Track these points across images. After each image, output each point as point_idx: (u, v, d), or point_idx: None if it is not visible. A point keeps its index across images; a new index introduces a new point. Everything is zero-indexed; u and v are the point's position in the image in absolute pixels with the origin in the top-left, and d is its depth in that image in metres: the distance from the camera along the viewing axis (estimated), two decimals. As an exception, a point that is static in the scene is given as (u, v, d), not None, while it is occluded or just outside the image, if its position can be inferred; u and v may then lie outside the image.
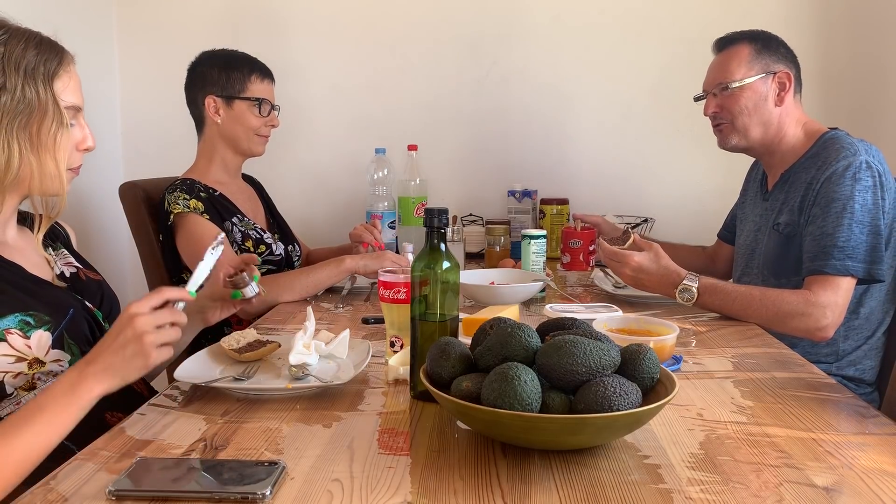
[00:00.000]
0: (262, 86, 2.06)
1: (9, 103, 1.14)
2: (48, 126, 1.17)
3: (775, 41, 1.83)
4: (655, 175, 2.66)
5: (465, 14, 2.63)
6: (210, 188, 2.00)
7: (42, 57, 1.18)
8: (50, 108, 1.17)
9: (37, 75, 1.17)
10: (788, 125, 1.81)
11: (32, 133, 1.16)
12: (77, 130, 1.24)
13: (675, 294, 1.67)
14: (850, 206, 1.62)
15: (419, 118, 2.67)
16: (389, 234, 2.37)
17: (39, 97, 1.16)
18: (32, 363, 1.17)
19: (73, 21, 2.44)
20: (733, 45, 1.83)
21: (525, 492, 0.85)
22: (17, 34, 1.18)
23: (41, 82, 1.17)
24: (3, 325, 1.15)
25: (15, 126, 1.15)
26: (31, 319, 1.18)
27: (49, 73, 1.18)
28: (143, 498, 0.84)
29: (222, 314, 1.42)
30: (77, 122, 1.24)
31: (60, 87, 1.20)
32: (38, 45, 1.19)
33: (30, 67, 1.16)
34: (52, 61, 1.19)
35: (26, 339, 1.16)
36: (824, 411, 1.12)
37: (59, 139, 1.19)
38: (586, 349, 0.95)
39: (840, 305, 1.60)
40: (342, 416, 1.10)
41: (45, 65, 1.18)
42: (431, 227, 1.14)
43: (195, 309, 1.40)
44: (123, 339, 1.04)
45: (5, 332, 1.15)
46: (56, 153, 1.19)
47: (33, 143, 1.17)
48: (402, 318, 1.27)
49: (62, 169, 1.20)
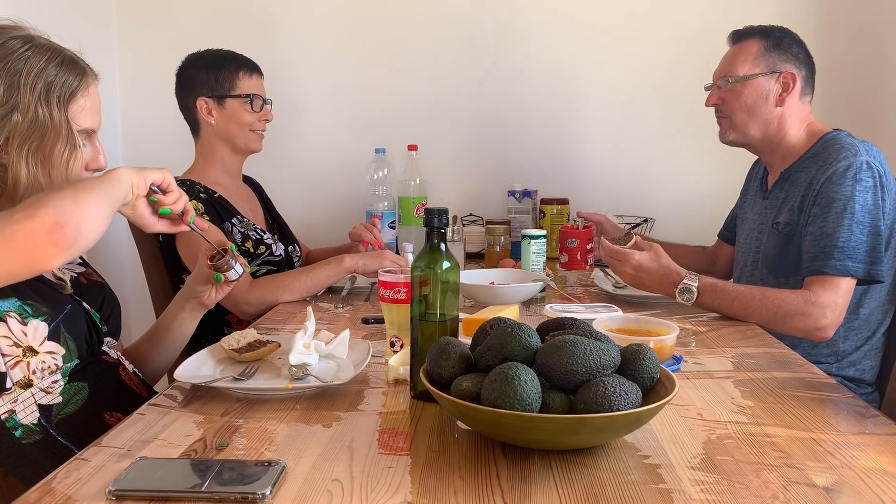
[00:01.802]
0: (251, 81, 2.05)
1: (20, 123, 1.13)
2: (60, 149, 1.17)
3: (789, 40, 1.81)
4: (655, 175, 2.66)
5: (465, 14, 2.63)
6: (210, 189, 2.00)
7: (62, 78, 1.17)
8: (63, 130, 1.17)
9: (52, 97, 1.16)
10: (791, 125, 1.81)
11: (45, 153, 1.16)
12: (89, 151, 1.24)
13: (675, 294, 1.67)
14: (851, 207, 1.62)
15: (419, 118, 2.67)
16: (389, 234, 2.37)
17: (53, 119, 1.16)
18: (26, 351, 1.17)
19: (73, 21, 2.44)
20: (745, 40, 1.83)
21: (525, 492, 0.85)
22: (39, 51, 1.17)
23: (56, 104, 1.16)
24: (4, 306, 1.15)
25: (26, 146, 1.14)
26: (29, 308, 1.18)
27: (66, 96, 1.18)
28: (143, 498, 0.84)
29: (218, 296, 1.46)
30: (90, 143, 1.24)
31: (76, 110, 1.19)
32: (60, 65, 1.18)
33: (46, 88, 1.15)
34: (70, 83, 1.18)
35: (24, 325, 1.16)
36: (824, 411, 1.12)
37: (71, 162, 1.19)
38: (586, 349, 0.95)
39: (840, 306, 1.60)
40: (342, 416, 1.10)
41: (63, 86, 1.17)
42: (431, 227, 1.14)
43: (190, 295, 1.45)
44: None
45: (6, 313, 1.15)
46: (67, 175, 1.19)
47: (45, 163, 1.17)
48: (402, 318, 1.27)
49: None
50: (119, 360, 1.34)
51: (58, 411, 1.19)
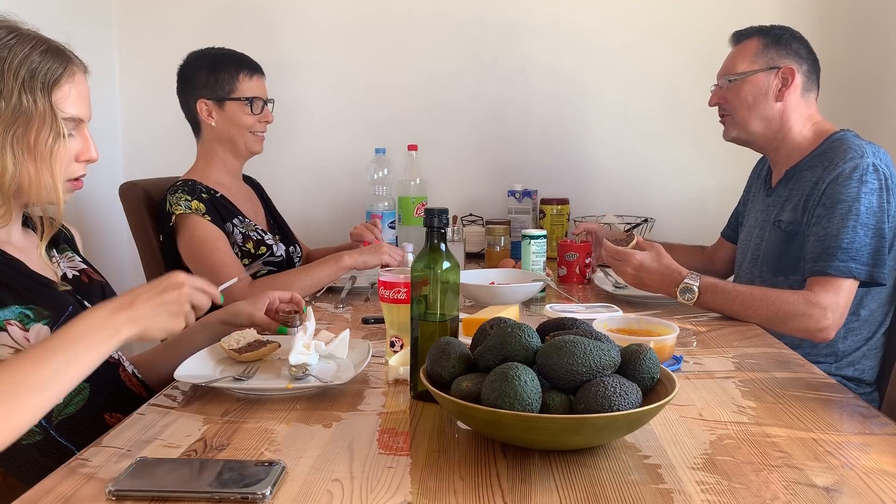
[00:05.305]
0: (251, 83, 2.04)
1: (4, 109, 1.12)
2: (45, 136, 1.15)
3: (788, 36, 1.82)
4: (656, 175, 2.66)
5: (465, 13, 2.63)
6: (211, 189, 2.00)
7: (45, 65, 1.16)
8: (47, 118, 1.15)
9: (35, 83, 1.14)
10: (794, 122, 1.81)
11: (30, 141, 1.14)
12: (77, 142, 1.22)
13: (677, 293, 1.67)
14: (856, 208, 1.62)
15: (419, 118, 2.67)
16: (389, 234, 2.37)
17: (36, 106, 1.14)
18: None
19: (73, 21, 2.44)
20: (745, 39, 1.85)
21: (525, 492, 0.85)
22: (24, 39, 1.16)
23: (39, 91, 1.14)
24: (4, 315, 1.15)
25: (10, 133, 1.13)
26: (30, 313, 1.18)
27: (49, 82, 1.16)
28: (143, 498, 0.84)
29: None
30: (78, 133, 1.22)
31: (61, 97, 1.17)
32: (44, 53, 1.16)
33: (29, 75, 1.14)
34: (55, 70, 1.17)
35: (25, 332, 1.16)
36: (825, 411, 1.12)
37: (56, 150, 1.16)
38: (586, 349, 0.95)
39: (841, 307, 1.60)
40: (342, 416, 1.10)
41: (47, 73, 1.16)
42: (431, 227, 1.14)
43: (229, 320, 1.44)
44: (167, 300, 1.08)
45: (6, 322, 1.14)
46: (52, 164, 1.16)
47: (30, 151, 1.15)
48: (402, 318, 1.27)
49: (58, 180, 1.17)
50: (119, 361, 1.34)
51: (58, 412, 1.19)
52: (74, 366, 0.99)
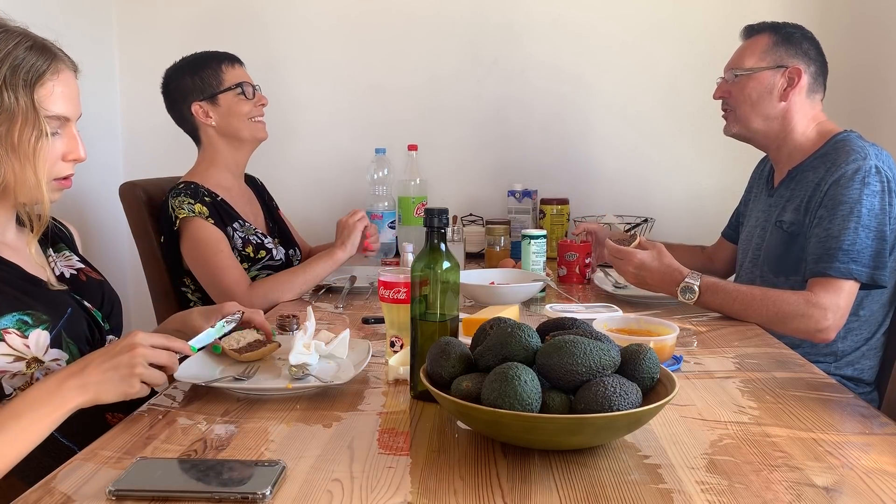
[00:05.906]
0: (234, 71, 2.05)
1: None
2: (27, 134, 1.13)
3: (800, 36, 1.81)
4: (656, 175, 2.66)
5: (465, 13, 2.63)
6: (213, 193, 2.00)
7: (29, 61, 1.13)
8: (29, 115, 1.13)
9: (17, 80, 1.12)
10: (797, 122, 1.81)
11: (13, 139, 1.12)
12: (64, 141, 1.19)
13: (677, 292, 1.67)
14: (858, 210, 1.62)
15: (419, 118, 2.67)
16: (389, 234, 2.37)
17: (18, 103, 1.12)
18: (31, 362, 1.17)
19: (73, 21, 2.44)
20: (756, 34, 1.84)
21: (525, 492, 0.85)
22: (9, 36, 1.14)
23: (21, 87, 1.12)
24: (1, 324, 1.14)
25: None
26: (28, 318, 1.17)
27: (32, 79, 1.13)
28: (143, 498, 0.84)
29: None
30: (65, 131, 1.19)
31: (44, 95, 1.14)
32: (29, 49, 1.14)
33: (11, 71, 1.11)
34: (38, 66, 1.14)
35: (24, 339, 1.16)
36: (825, 411, 1.12)
37: (39, 149, 1.14)
38: (586, 349, 0.95)
39: (842, 308, 1.59)
40: (342, 416, 1.10)
41: (30, 70, 1.13)
42: (431, 227, 1.14)
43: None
44: (117, 363, 1.05)
45: (3, 331, 1.14)
46: (36, 162, 1.14)
47: (14, 149, 1.13)
48: (402, 318, 1.27)
49: (41, 179, 1.15)
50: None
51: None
52: (20, 441, 0.98)
